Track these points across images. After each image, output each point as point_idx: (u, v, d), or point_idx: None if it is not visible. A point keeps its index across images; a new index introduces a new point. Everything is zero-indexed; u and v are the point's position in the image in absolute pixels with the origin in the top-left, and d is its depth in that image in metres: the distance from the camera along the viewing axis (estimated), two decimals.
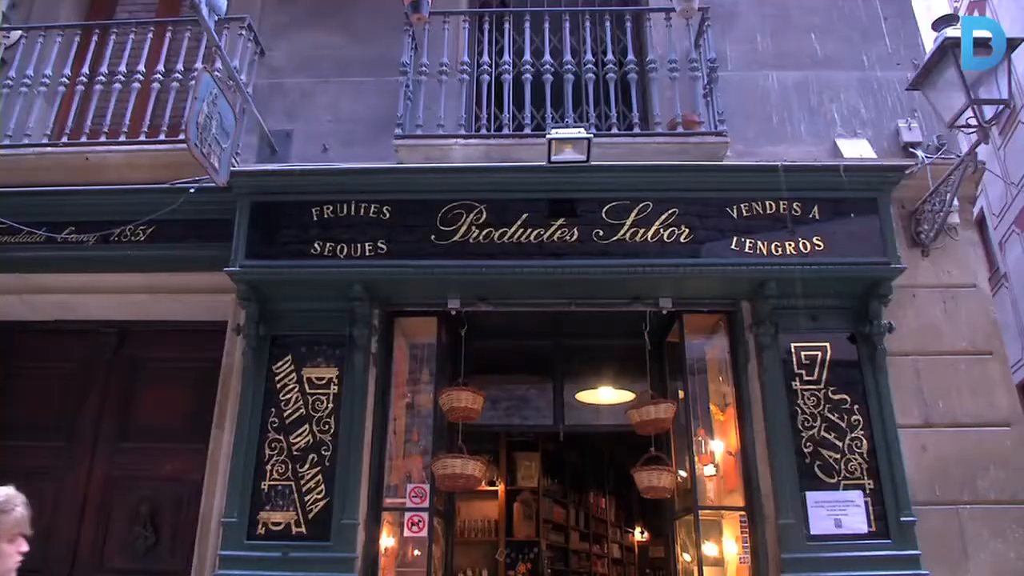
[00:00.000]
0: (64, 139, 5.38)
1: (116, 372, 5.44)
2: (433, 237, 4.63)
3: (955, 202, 4.84)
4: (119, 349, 5.49)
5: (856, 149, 5.13)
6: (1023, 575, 4.31)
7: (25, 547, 2.50)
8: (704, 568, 4.55)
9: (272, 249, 4.73)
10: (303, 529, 4.43)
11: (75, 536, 5.07)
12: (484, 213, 4.66)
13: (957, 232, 5.01)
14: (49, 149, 5.32)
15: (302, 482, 4.51)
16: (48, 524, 5.10)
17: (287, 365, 4.75)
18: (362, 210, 4.73)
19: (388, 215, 4.71)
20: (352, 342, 4.70)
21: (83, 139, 5.33)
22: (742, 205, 4.67)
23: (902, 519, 4.32)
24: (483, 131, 5.29)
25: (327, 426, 4.61)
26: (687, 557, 5.02)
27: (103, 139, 5.30)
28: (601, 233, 4.61)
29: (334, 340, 4.77)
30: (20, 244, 5.09)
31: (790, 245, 4.60)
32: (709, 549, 4.77)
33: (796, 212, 4.67)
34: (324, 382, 4.70)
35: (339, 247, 4.66)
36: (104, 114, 5.39)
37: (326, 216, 4.74)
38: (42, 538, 5.01)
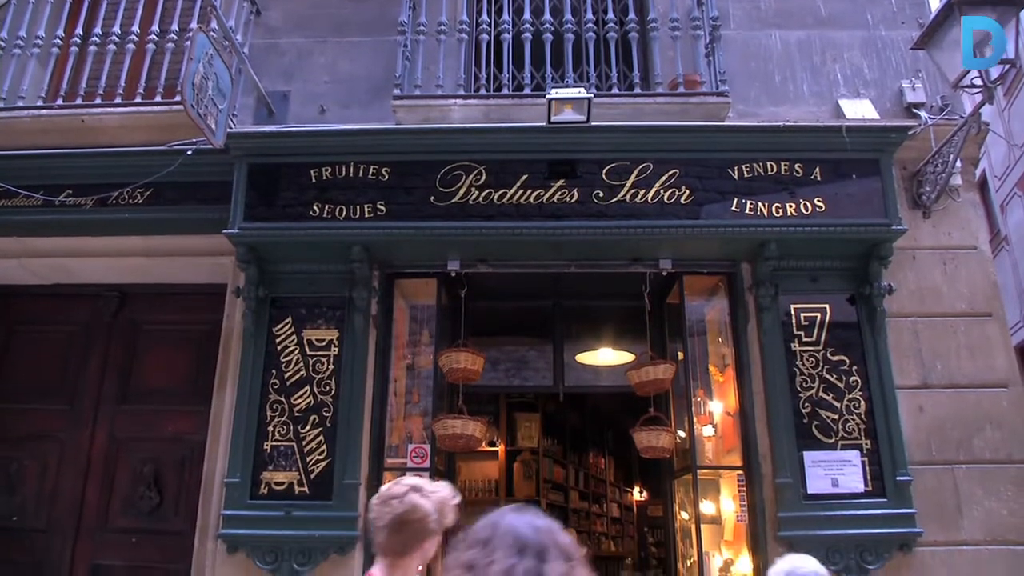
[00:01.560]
0: (59, 101, 5.33)
1: (117, 335, 5.46)
2: (432, 198, 4.61)
3: (958, 163, 4.81)
4: (119, 312, 5.50)
5: (859, 110, 5.09)
6: (1015, 531, 4.37)
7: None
8: (702, 526, 4.61)
9: (271, 211, 4.70)
10: (305, 489, 4.48)
11: (80, 497, 5.13)
12: (484, 174, 4.63)
13: (959, 194, 4.99)
14: (44, 112, 5.27)
15: (303, 443, 4.55)
16: (53, 485, 5.19)
17: (287, 327, 4.75)
18: (361, 172, 4.70)
19: (387, 176, 4.68)
20: (352, 304, 4.70)
21: (78, 101, 5.28)
22: (743, 166, 4.64)
23: (898, 478, 4.37)
24: (482, 91, 5.24)
25: (328, 387, 4.63)
26: (685, 515, 5.09)
27: (98, 101, 5.24)
28: (601, 194, 4.59)
29: (334, 302, 4.78)
30: (17, 208, 5.07)
31: (791, 206, 4.58)
32: (707, 508, 4.83)
33: (797, 173, 4.64)
34: (324, 344, 4.71)
35: (338, 209, 4.64)
36: (99, 76, 5.34)
37: (325, 178, 4.71)
38: (48, 499, 5.14)
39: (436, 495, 2.36)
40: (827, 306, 4.70)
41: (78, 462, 5.21)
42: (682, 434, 4.98)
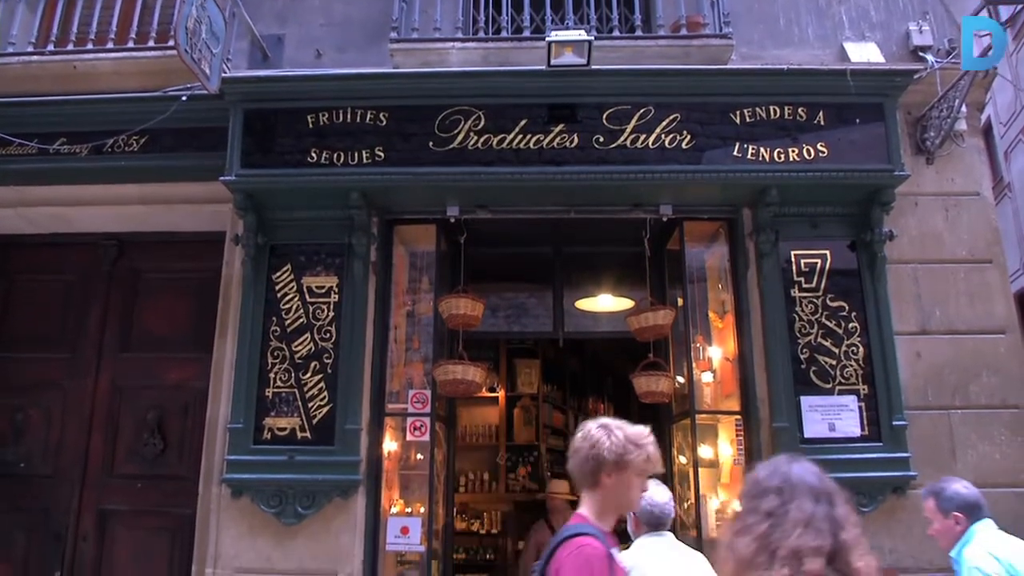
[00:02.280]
0: (50, 47, 5.24)
1: (116, 284, 5.46)
2: (431, 144, 4.56)
3: (963, 108, 4.74)
4: (118, 261, 5.49)
5: (864, 53, 5.00)
6: (1007, 474, 4.44)
7: (647, 487, 2.58)
8: (699, 470, 4.68)
9: (268, 158, 4.66)
10: (308, 434, 4.53)
11: (85, 444, 5.19)
12: (482, 119, 4.57)
13: (963, 139, 4.94)
14: (35, 57, 5.19)
15: (305, 389, 4.58)
16: (58, 433, 5.25)
17: (287, 274, 4.75)
18: (358, 117, 4.64)
19: (385, 122, 4.62)
20: (351, 251, 4.69)
21: (69, 47, 5.19)
22: (745, 110, 4.58)
23: (894, 423, 4.41)
24: (481, 34, 5.15)
25: (328, 334, 4.65)
26: (683, 459, 5.15)
27: (90, 47, 5.16)
28: (601, 139, 4.54)
29: (333, 249, 4.76)
30: (11, 156, 5.03)
31: (793, 151, 4.54)
32: (705, 452, 4.89)
33: (800, 118, 4.59)
34: (324, 291, 4.71)
35: (336, 155, 4.59)
36: (90, 20, 5.24)
37: (322, 123, 4.64)
38: (54, 447, 5.20)
39: (620, 432, 2.38)
40: (827, 252, 4.69)
41: (82, 410, 5.25)
42: (681, 379, 5.02)
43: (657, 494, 3.29)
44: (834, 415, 4.45)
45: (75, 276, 5.52)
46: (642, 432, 2.43)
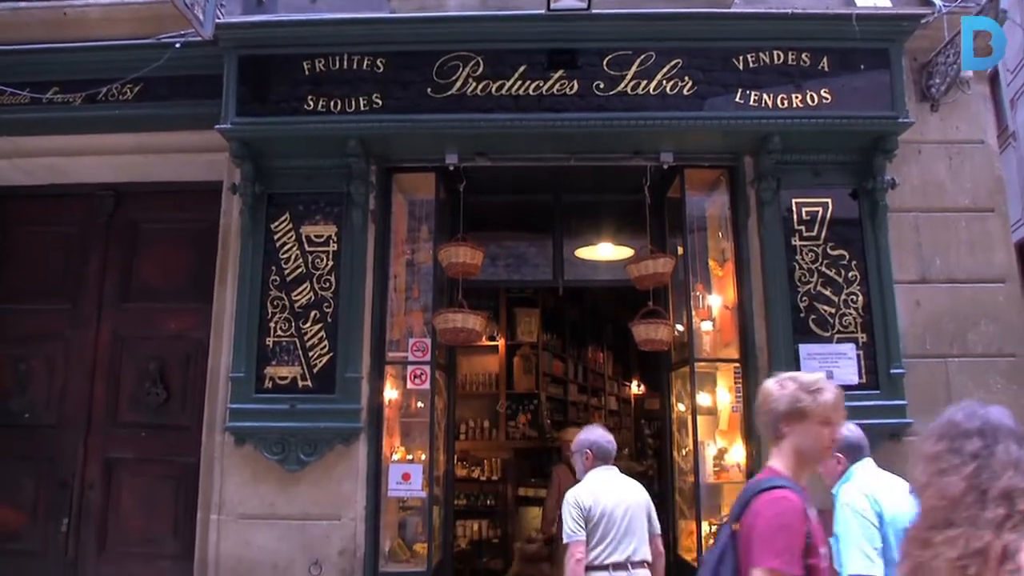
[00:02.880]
0: None
1: (115, 234, 5.45)
2: (429, 90, 4.50)
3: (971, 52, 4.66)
4: (116, 211, 5.47)
5: None
6: None
7: (840, 433, 2.55)
8: (698, 417, 4.72)
9: (264, 106, 4.60)
10: (309, 383, 4.56)
11: (88, 394, 5.24)
12: (481, 65, 4.50)
13: (969, 86, 4.87)
14: (23, 4, 5.08)
15: (305, 338, 4.60)
16: (62, 383, 5.29)
17: (285, 223, 4.73)
18: (355, 63, 4.56)
19: (382, 68, 4.55)
20: (350, 199, 4.66)
21: None
22: (748, 56, 4.51)
23: (892, 371, 4.44)
24: None
25: (328, 283, 4.65)
26: (681, 407, 5.20)
27: None
28: (602, 85, 4.47)
29: (332, 198, 4.73)
30: (4, 106, 4.98)
31: (796, 98, 4.48)
32: (703, 399, 4.94)
33: (804, 63, 4.52)
34: (323, 239, 4.70)
35: (333, 102, 4.53)
36: None
37: (318, 70, 4.57)
38: (57, 397, 5.24)
39: (792, 383, 2.35)
40: (829, 200, 4.67)
41: (84, 360, 5.28)
42: (680, 328, 5.03)
43: (602, 434, 4.10)
44: (832, 363, 4.48)
45: (73, 227, 5.50)
46: (816, 379, 2.38)
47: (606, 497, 3.92)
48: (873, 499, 3.09)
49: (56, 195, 5.53)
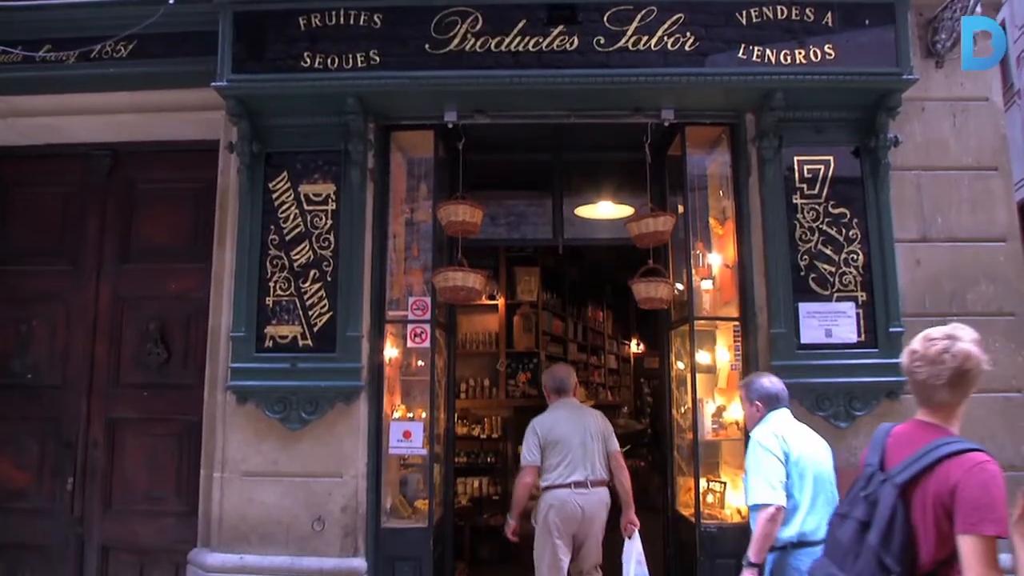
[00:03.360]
0: None
1: (112, 194, 5.42)
2: (427, 47, 4.43)
3: (978, 8, 4.58)
4: (113, 171, 5.43)
5: None
6: (999, 380, 4.48)
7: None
8: (696, 375, 4.75)
9: (260, 63, 4.52)
10: (309, 342, 4.57)
11: (90, 355, 5.26)
12: (480, 21, 4.42)
13: (976, 42, 4.79)
14: None
15: (305, 297, 4.60)
16: (63, 344, 5.31)
17: (283, 182, 4.70)
18: (352, 19, 4.48)
19: (379, 24, 4.47)
20: (348, 157, 4.62)
21: None
22: (751, 10, 4.43)
23: (891, 329, 4.45)
24: None
25: (327, 242, 4.63)
26: (680, 365, 5.23)
27: None
28: (602, 41, 4.40)
29: (330, 156, 4.69)
30: None
31: (799, 54, 4.40)
32: (702, 357, 4.96)
33: (808, 19, 4.43)
34: (322, 198, 4.67)
35: (330, 59, 4.46)
36: None
37: (314, 26, 4.49)
38: (59, 358, 5.27)
39: (968, 336, 2.34)
40: (831, 158, 4.64)
41: (85, 321, 5.30)
42: (680, 286, 5.04)
43: (561, 369, 5.17)
44: (831, 321, 4.49)
45: (70, 187, 5.47)
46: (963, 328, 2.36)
47: (563, 425, 4.68)
48: (782, 439, 3.46)
49: (53, 155, 5.48)
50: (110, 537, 5.10)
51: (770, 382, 3.76)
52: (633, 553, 4.69)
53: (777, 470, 3.37)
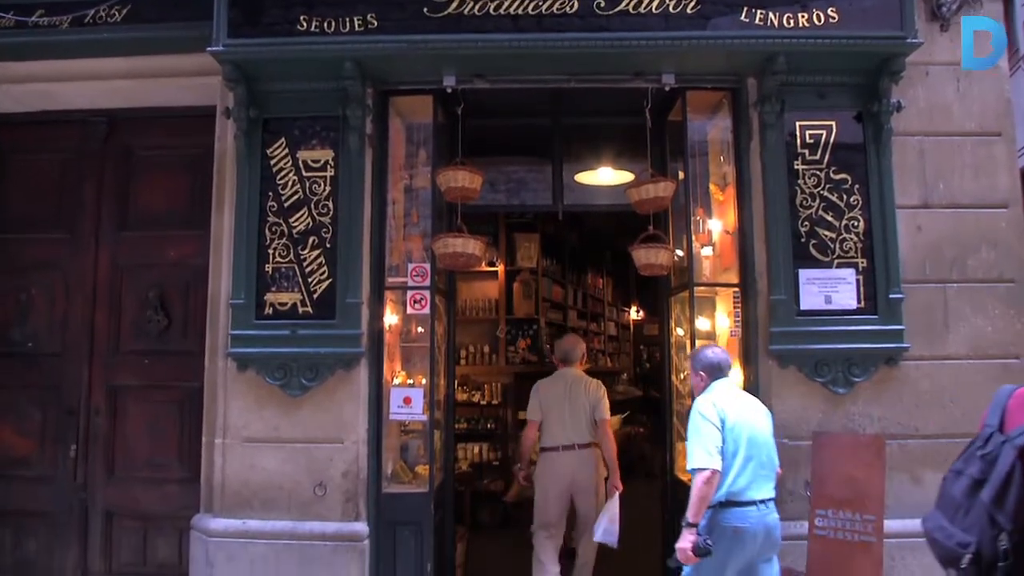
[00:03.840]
0: None
1: (109, 161, 5.38)
2: (425, 10, 4.36)
3: None
4: (110, 138, 5.39)
5: None
6: (997, 346, 4.51)
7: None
8: (696, 341, 4.75)
9: (256, 27, 4.45)
10: (309, 309, 4.57)
11: (90, 323, 5.27)
12: None
13: (982, 5, 4.73)
14: None
15: (304, 264, 4.59)
16: (63, 312, 5.32)
17: (281, 149, 4.66)
18: None
19: None
20: (346, 123, 4.57)
21: None
22: None
23: (891, 296, 4.45)
24: None
25: (326, 209, 4.60)
26: (680, 331, 5.24)
27: None
28: (602, 4, 4.33)
29: (328, 122, 4.64)
30: None
31: (802, 17, 4.34)
32: (702, 324, 4.96)
33: None
34: (320, 164, 4.64)
35: (327, 23, 4.39)
36: None
37: None
38: (59, 326, 5.28)
39: None
40: (833, 123, 4.59)
41: (84, 289, 5.29)
42: (680, 252, 5.03)
43: (571, 340, 5.87)
44: (831, 288, 4.49)
45: (67, 155, 5.43)
46: None
47: (561, 392, 5.38)
48: (719, 408, 3.73)
49: (48, 122, 5.43)
50: (113, 503, 5.15)
51: (713, 353, 4.02)
52: (607, 512, 5.12)
53: (714, 437, 3.64)
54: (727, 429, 3.68)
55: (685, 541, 3.53)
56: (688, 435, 3.73)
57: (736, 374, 4.60)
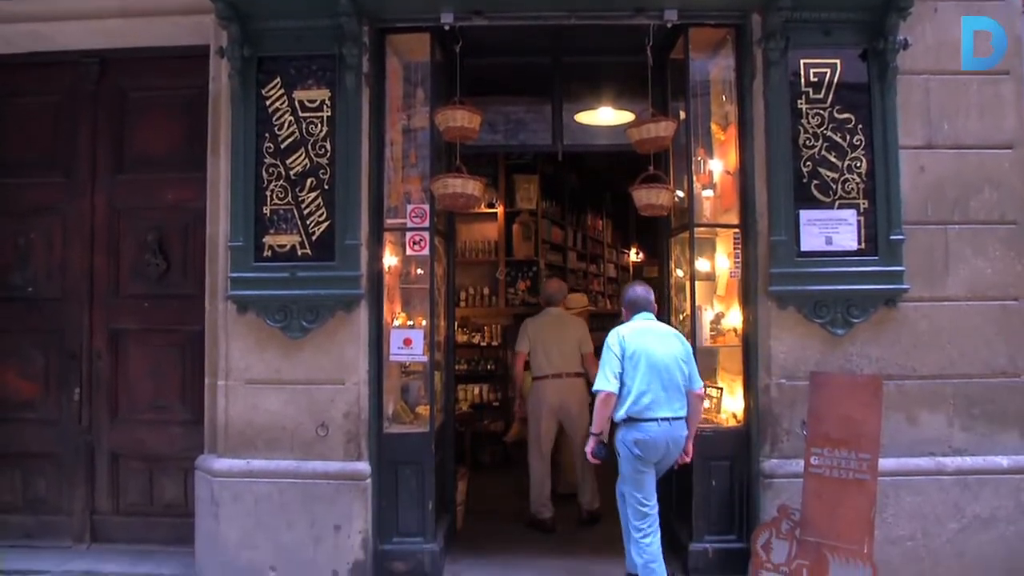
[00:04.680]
0: None
1: (103, 103, 5.31)
2: None
3: None
4: (102, 79, 5.30)
5: None
6: (996, 287, 4.51)
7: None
8: (696, 282, 4.77)
9: None
10: (308, 251, 4.55)
11: (89, 267, 5.28)
12: None
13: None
14: None
15: (303, 206, 4.55)
16: (62, 256, 5.32)
17: (277, 89, 4.57)
18: None
19: None
20: (342, 62, 4.47)
21: None
22: None
23: (891, 237, 4.43)
24: None
25: (323, 149, 4.55)
26: (680, 273, 5.24)
27: None
28: None
29: (324, 61, 4.55)
30: None
31: None
32: (702, 265, 4.96)
33: None
34: (316, 104, 4.56)
35: None
36: None
37: None
38: (58, 270, 5.27)
39: None
40: (837, 62, 4.51)
41: (82, 233, 5.28)
42: (680, 193, 4.99)
43: (556, 283, 6.44)
44: (832, 229, 4.47)
45: (60, 97, 5.36)
46: None
47: (547, 329, 5.98)
48: (622, 338, 4.27)
49: (40, 64, 5.34)
50: (118, 445, 5.23)
51: (634, 292, 4.53)
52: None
53: (614, 364, 4.22)
54: (626, 358, 4.22)
55: (588, 446, 4.33)
56: (600, 362, 4.32)
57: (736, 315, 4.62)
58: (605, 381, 4.20)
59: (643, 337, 4.27)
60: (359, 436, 4.55)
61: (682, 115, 4.85)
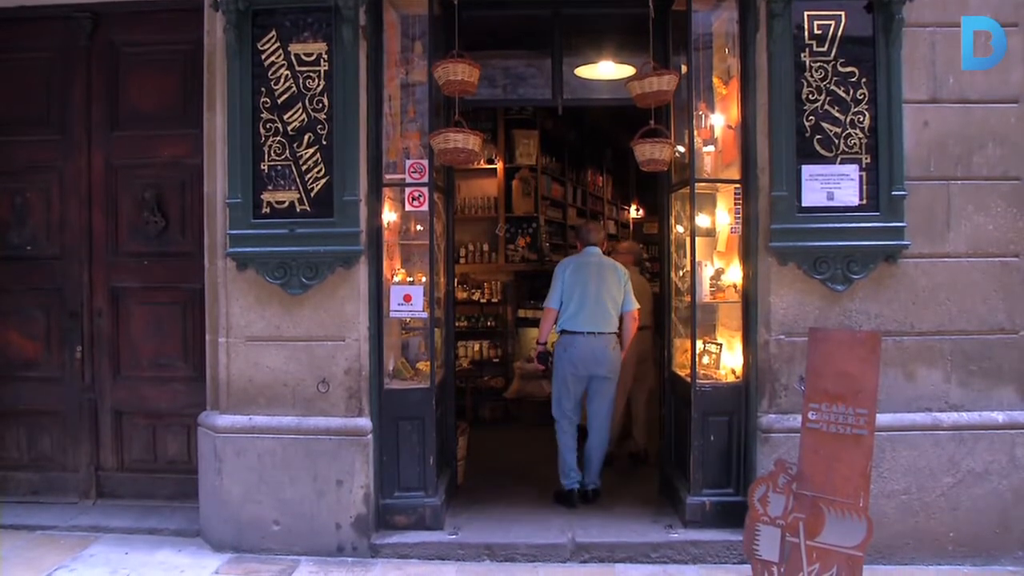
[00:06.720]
0: None
1: (96, 59, 5.22)
2: None
3: None
4: (95, 34, 5.21)
5: None
6: (996, 244, 4.50)
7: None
8: (696, 238, 4.75)
9: None
10: (307, 207, 4.53)
11: (87, 225, 5.26)
12: None
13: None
14: None
15: (301, 162, 4.52)
16: (59, 214, 5.30)
17: (272, 42, 4.50)
18: None
19: None
20: (339, 14, 4.39)
21: None
22: None
23: (893, 193, 4.40)
24: None
25: (320, 104, 4.49)
26: (680, 229, 5.23)
27: None
28: None
29: (320, 14, 4.47)
30: None
31: None
32: (702, 221, 4.94)
33: None
34: (313, 58, 4.49)
35: None
36: None
37: None
38: (57, 228, 5.25)
39: None
40: (842, 14, 4.42)
41: (79, 191, 5.25)
42: (681, 148, 4.95)
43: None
44: (834, 184, 4.43)
45: (51, 53, 5.27)
46: None
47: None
48: (564, 265, 5.43)
49: (30, 19, 5.22)
50: (121, 402, 5.28)
51: (586, 229, 5.74)
52: None
53: (556, 287, 5.35)
54: (564, 282, 5.32)
55: (534, 352, 5.50)
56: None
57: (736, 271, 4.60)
58: (549, 300, 5.38)
59: (585, 268, 5.35)
60: (360, 392, 4.58)
61: (684, 69, 4.78)
